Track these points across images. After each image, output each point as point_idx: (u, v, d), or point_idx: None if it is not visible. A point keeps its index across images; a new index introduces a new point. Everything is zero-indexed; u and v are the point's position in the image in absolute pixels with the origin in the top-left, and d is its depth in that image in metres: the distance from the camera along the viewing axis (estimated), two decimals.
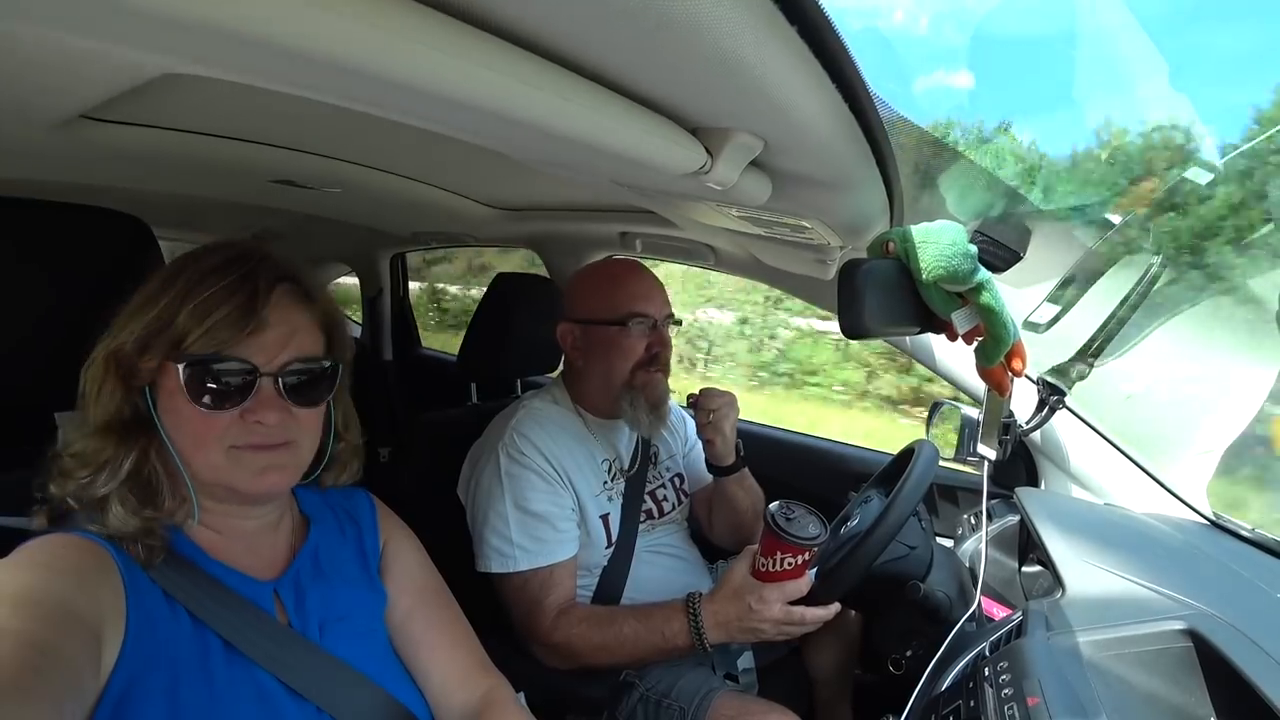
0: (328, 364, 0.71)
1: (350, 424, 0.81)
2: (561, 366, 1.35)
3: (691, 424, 1.45)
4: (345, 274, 2.96)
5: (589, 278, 1.30)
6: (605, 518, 1.23)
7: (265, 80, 0.47)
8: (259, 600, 0.69)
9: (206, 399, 0.63)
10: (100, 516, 0.61)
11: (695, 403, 1.28)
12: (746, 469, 1.34)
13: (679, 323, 1.30)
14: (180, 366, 0.61)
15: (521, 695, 0.97)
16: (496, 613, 1.15)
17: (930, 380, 4.29)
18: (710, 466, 1.33)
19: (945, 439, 1.31)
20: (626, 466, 1.32)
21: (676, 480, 1.42)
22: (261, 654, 0.66)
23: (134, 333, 0.62)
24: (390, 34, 0.37)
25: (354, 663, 0.72)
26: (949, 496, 1.56)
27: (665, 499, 1.37)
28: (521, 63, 0.44)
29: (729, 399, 1.27)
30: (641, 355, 1.23)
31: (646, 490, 1.33)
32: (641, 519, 1.30)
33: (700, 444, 1.36)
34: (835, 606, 1.01)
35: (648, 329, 1.23)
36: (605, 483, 1.26)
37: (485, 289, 1.57)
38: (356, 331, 3.07)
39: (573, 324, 1.26)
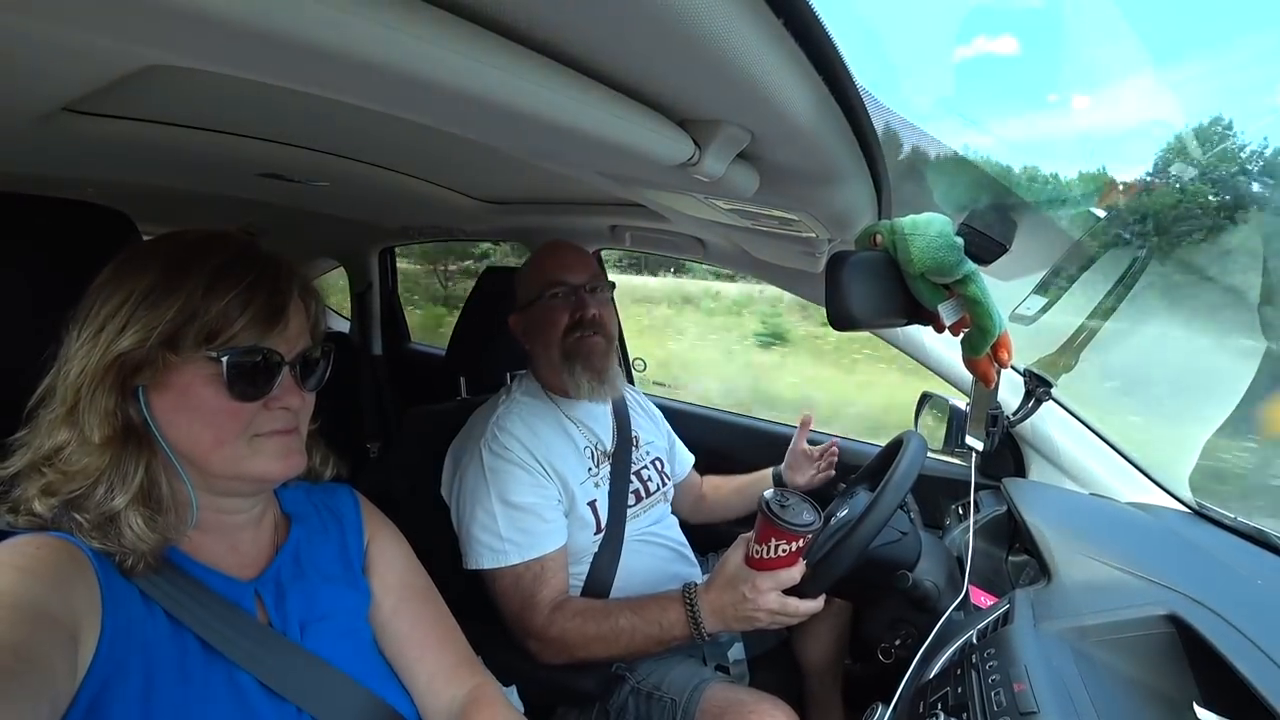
0: (328, 349, 0.75)
1: None
2: None
3: (664, 420, 1.60)
4: (333, 268, 2.94)
5: (524, 266, 1.37)
6: (593, 504, 1.24)
7: (250, 71, 0.46)
8: (239, 600, 0.68)
9: (241, 389, 0.64)
10: (105, 535, 0.60)
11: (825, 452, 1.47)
12: None
13: (613, 286, 1.36)
14: (225, 359, 0.62)
15: (514, 689, 0.97)
16: (485, 607, 1.15)
17: None
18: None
19: (933, 430, 1.33)
20: (609, 448, 1.34)
21: (658, 463, 1.44)
22: (240, 654, 0.65)
23: (153, 328, 0.60)
24: (377, 24, 0.36)
25: (336, 662, 0.72)
26: (937, 488, 1.57)
27: (650, 479, 1.39)
28: (509, 54, 0.44)
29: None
30: (567, 321, 1.26)
31: (632, 471, 1.35)
32: (630, 501, 1.31)
33: (678, 441, 1.59)
34: (824, 599, 1.02)
35: (566, 296, 1.27)
36: (590, 469, 1.27)
37: None
38: (344, 326, 3.06)
39: (518, 314, 1.33)
